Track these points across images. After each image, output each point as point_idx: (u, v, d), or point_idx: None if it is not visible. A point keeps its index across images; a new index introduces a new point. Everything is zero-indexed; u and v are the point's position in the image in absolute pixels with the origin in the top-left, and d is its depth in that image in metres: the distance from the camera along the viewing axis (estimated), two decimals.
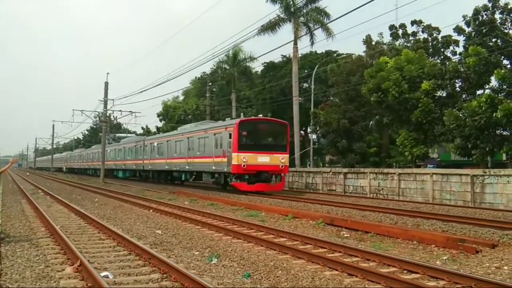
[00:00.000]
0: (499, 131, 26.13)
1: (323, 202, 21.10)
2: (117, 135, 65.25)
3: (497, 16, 30.44)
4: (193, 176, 33.45)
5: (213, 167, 27.67)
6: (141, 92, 44.55)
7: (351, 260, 9.58)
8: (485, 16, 30.44)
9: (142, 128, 76.34)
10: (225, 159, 26.00)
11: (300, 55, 44.45)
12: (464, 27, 31.60)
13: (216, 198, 23.55)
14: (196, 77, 68.54)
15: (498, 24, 30.09)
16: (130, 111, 46.80)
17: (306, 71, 51.64)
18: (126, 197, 24.87)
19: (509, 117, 23.07)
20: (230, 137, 25.76)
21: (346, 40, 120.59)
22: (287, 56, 50.60)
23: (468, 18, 30.93)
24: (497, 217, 16.83)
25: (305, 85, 54.23)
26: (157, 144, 38.96)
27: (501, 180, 21.71)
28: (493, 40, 30.56)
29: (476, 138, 25.77)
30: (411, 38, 37.01)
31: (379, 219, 15.23)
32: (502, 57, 29.41)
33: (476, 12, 30.37)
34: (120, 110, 47.06)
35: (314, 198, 24.25)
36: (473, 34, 31.17)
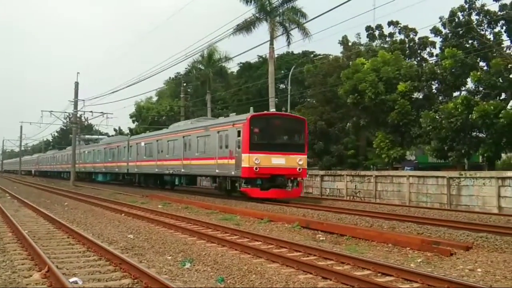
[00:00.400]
0: (475, 133, 26.69)
1: (299, 205, 21.26)
2: (88, 136, 64.37)
3: (474, 17, 31.00)
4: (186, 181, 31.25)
5: (217, 170, 24.75)
6: (113, 92, 44.37)
7: (325, 263, 9.71)
8: (461, 17, 30.96)
9: (115, 130, 75.92)
10: (232, 161, 23.32)
11: (276, 56, 44.60)
12: (441, 28, 32.14)
13: (190, 201, 23.53)
14: (170, 77, 68.43)
15: (475, 25, 30.68)
16: (102, 112, 46.57)
17: (282, 71, 51.89)
18: (97, 201, 24.66)
19: (485, 118, 23.61)
20: (239, 135, 22.98)
21: (323, 40, 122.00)
22: (263, 56, 50.86)
23: (445, 20, 31.44)
24: (472, 219, 17.19)
25: (282, 86, 54.55)
26: (145, 144, 36.23)
27: (477, 182, 22.18)
28: (470, 41, 31.15)
29: (452, 140, 26.31)
30: (388, 39, 37.51)
31: (355, 222, 15.43)
32: (478, 59, 30.02)
33: (453, 13, 30.85)
34: (91, 111, 46.71)
35: (290, 201, 24.32)
36: (449, 36, 31.69)
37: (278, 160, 22.79)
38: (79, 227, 14.65)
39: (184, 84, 57.87)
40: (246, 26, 39.01)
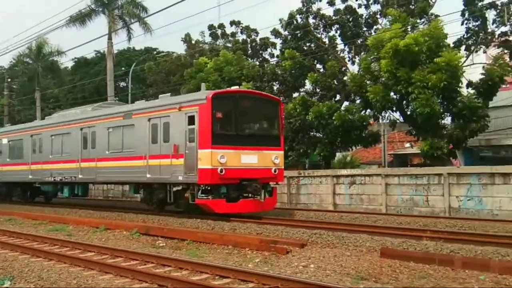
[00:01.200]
0: (312, 133, 28.62)
1: (140, 211, 20.77)
2: None
3: (311, 21, 33.11)
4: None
5: (148, 175, 18.46)
6: None
7: (163, 270, 9.74)
8: (299, 20, 32.90)
9: None
10: (179, 161, 17.15)
11: (116, 51, 43.62)
12: (281, 30, 33.84)
13: (13, 212, 21.89)
14: None
15: (312, 28, 32.83)
16: None
17: (123, 68, 50.83)
18: None
19: (320, 119, 25.47)
20: (191, 123, 16.89)
21: (168, 37, 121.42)
22: (102, 51, 49.22)
23: (284, 22, 33.15)
24: (309, 217, 18.46)
25: (122, 83, 53.41)
26: (10, 141, 28.39)
27: (315, 181, 23.72)
28: (307, 44, 33.27)
29: (292, 140, 27.87)
30: (230, 38, 38.54)
31: (197, 225, 15.65)
32: (316, 61, 32.22)
33: (291, 16, 32.63)
34: None
35: (130, 206, 23.62)
36: (289, 38, 33.50)
37: (249, 158, 17.22)
38: None
39: (9, 80, 53.66)
40: (80, 18, 37.48)
